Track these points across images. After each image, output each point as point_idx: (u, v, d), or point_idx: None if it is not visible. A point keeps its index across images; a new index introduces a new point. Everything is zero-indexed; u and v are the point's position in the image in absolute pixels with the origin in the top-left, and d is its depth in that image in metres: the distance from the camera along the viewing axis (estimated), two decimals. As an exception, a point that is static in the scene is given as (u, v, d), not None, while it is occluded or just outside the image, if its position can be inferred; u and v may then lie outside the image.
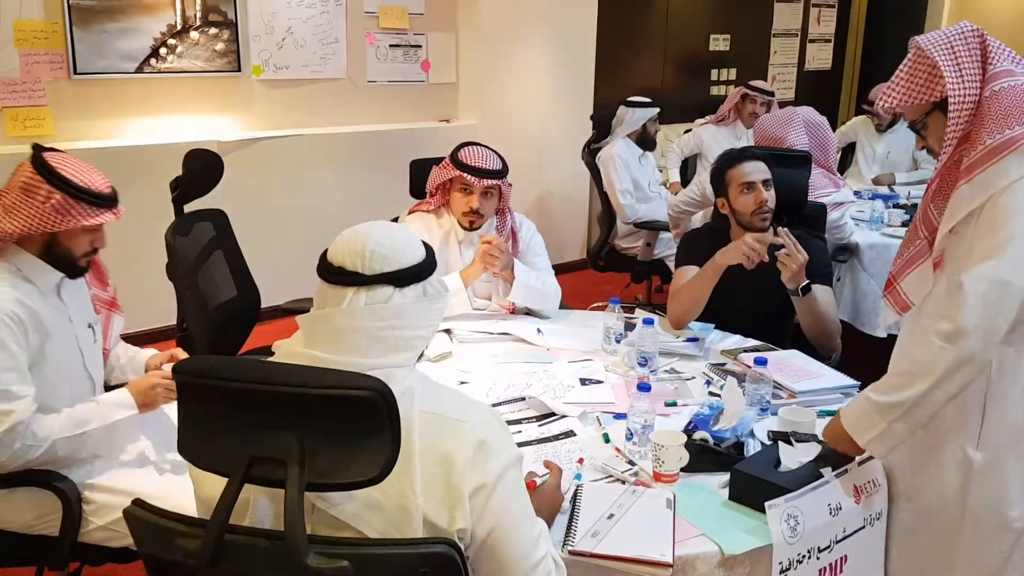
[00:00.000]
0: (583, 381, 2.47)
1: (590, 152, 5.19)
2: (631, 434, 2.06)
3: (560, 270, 3.39)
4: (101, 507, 2.12)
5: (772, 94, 5.44)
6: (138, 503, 1.21)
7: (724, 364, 2.59)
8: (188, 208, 3.06)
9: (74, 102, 4.68)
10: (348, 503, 1.32)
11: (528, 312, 3.03)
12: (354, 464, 1.11)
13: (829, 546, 1.85)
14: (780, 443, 1.94)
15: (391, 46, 5.76)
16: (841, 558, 1.88)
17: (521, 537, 1.42)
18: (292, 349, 1.42)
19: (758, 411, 2.25)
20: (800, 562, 1.79)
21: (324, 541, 1.15)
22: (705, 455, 1.99)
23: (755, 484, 1.85)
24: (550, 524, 1.72)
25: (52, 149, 2.09)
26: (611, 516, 1.78)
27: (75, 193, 2.01)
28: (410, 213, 3.06)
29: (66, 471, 2.12)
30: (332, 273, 1.43)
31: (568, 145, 6.26)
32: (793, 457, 1.91)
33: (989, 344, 1.72)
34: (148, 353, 2.47)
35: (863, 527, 1.93)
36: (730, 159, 3.00)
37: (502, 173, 2.91)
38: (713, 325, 2.93)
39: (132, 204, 3.03)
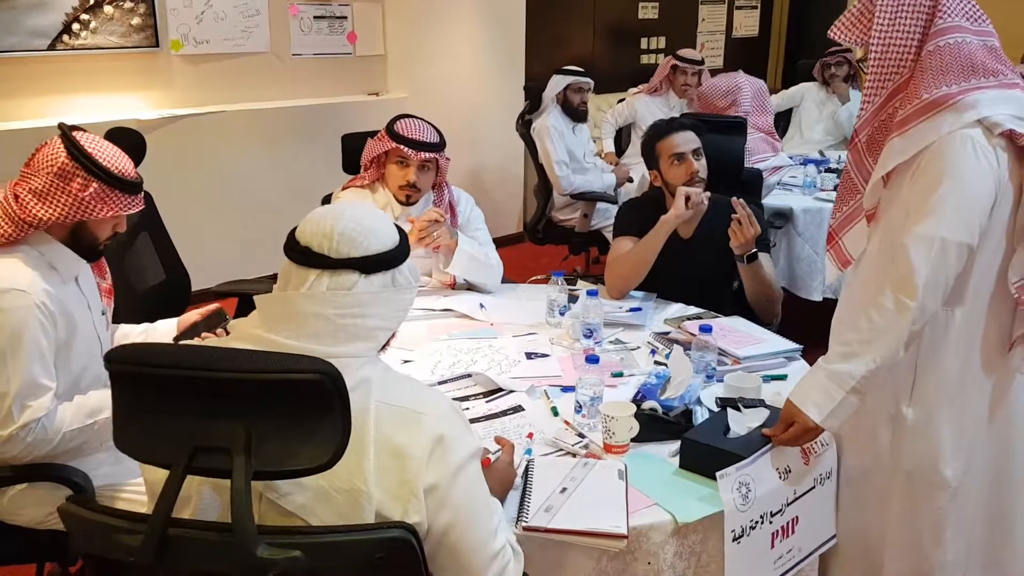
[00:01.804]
0: (529, 355, 2.45)
1: (524, 124, 5.14)
2: (580, 407, 2.04)
3: (498, 244, 3.35)
4: (114, 500, 2.03)
5: (702, 63, 5.46)
6: (74, 500, 1.14)
7: (668, 333, 2.59)
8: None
9: (-17, 81, 4.46)
10: (298, 494, 1.27)
11: (470, 288, 2.98)
12: (303, 450, 1.07)
13: (781, 509, 1.86)
14: (728, 409, 1.94)
15: (315, 17, 5.61)
16: (793, 519, 1.90)
17: (479, 530, 1.38)
18: (249, 331, 1.35)
19: (704, 378, 2.25)
20: (753, 528, 1.80)
21: (274, 531, 1.10)
22: (654, 424, 1.98)
23: (706, 452, 1.85)
24: (503, 501, 1.70)
25: (77, 128, 1.98)
26: (564, 490, 1.76)
27: (112, 181, 1.93)
28: (344, 189, 2.97)
29: (76, 463, 2.01)
30: (298, 253, 1.38)
31: (501, 117, 6.21)
32: (742, 423, 1.92)
33: (939, 303, 1.74)
34: (167, 324, 2.35)
35: (813, 487, 1.95)
36: (659, 131, 2.97)
37: (440, 146, 2.85)
38: (656, 294, 2.93)
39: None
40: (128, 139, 2.83)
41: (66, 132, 1.93)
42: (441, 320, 2.72)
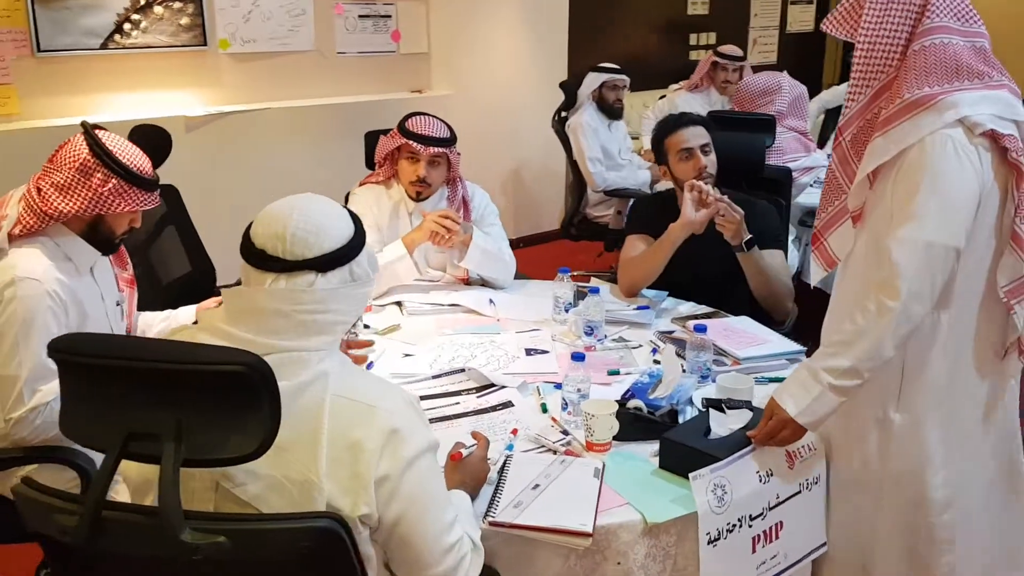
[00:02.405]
0: (528, 351, 2.47)
1: (560, 120, 5.15)
2: (566, 404, 2.05)
3: (537, 240, 3.38)
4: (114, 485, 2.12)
5: (742, 58, 5.39)
6: (26, 481, 1.20)
7: (672, 332, 2.58)
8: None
9: (39, 80, 4.62)
10: (251, 484, 1.31)
11: (483, 283, 3.01)
12: (232, 440, 1.11)
13: (762, 513, 1.85)
14: (711, 410, 1.93)
15: (360, 16, 5.70)
16: (776, 524, 1.89)
17: (431, 523, 1.41)
18: (213, 324, 1.40)
19: (698, 379, 2.24)
20: (731, 531, 1.79)
21: (200, 516, 1.14)
22: (639, 424, 1.99)
23: (684, 452, 1.85)
24: (475, 496, 1.72)
25: (97, 126, 2.08)
26: (536, 486, 1.78)
27: (130, 178, 2.03)
28: (361, 185, 3.03)
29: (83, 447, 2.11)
30: (254, 256, 1.41)
31: (543, 114, 6.19)
32: (724, 424, 1.91)
33: (926, 307, 1.72)
34: (187, 311, 2.44)
35: (799, 492, 1.93)
36: (667, 126, 2.97)
37: (449, 141, 2.88)
38: (667, 293, 2.92)
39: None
40: (154, 136, 2.93)
41: (88, 130, 2.03)
42: (448, 315, 2.75)
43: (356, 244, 1.47)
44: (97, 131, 2.03)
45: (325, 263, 1.40)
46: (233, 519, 1.18)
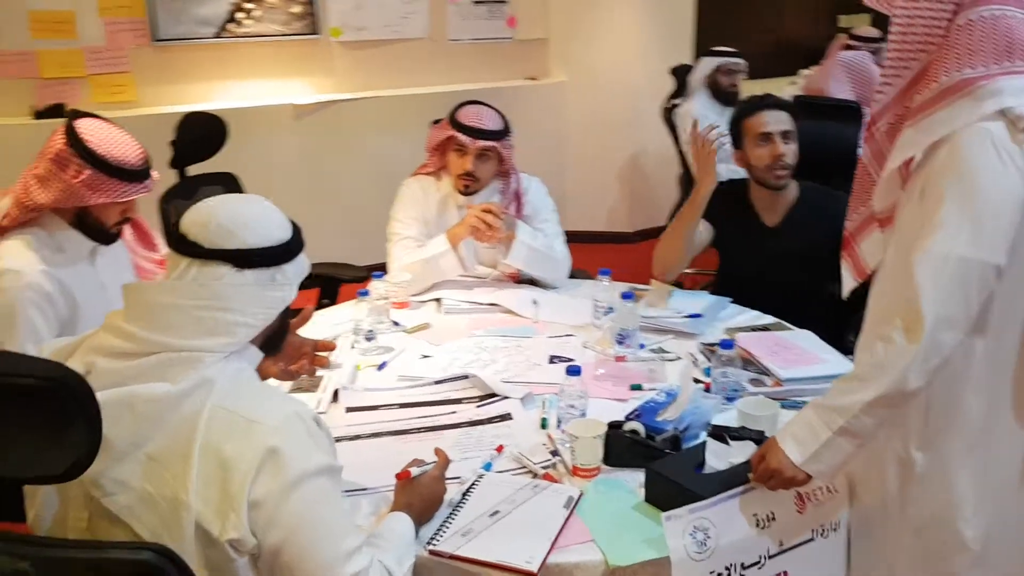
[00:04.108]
0: (552, 359, 2.29)
1: (669, 108, 4.88)
2: (560, 421, 1.88)
3: (654, 234, 3.18)
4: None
5: (879, 40, 4.92)
6: None
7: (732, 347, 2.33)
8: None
9: (155, 68, 4.81)
10: (121, 494, 1.24)
11: (533, 282, 2.84)
12: (47, 457, 1.02)
13: (759, 562, 1.62)
14: (710, 440, 1.71)
15: (475, 3, 5.61)
16: (779, 574, 1.65)
17: (319, 553, 1.29)
18: (113, 321, 1.35)
19: (722, 400, 2.00)
20: (715, 580, 1.57)
21: (10, 539, 1.06)
22: (636, 448, 1.79)
23: (668, 486, 1.64)
24: (424, 519, 1.59)
25: (89, 115, 2.03)
26: (495, 513, 1.62)
27: (106, 168, 1.95)
28: (412, 176, 2.92)
29: None
30: (175, 239, 1.37)
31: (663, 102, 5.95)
32: (722, 457, 1.68)
33: (959, 334, 1.44)
34: None
35: (811, 539, 1.68)
36: (748, 108, 2.77)
37: (500, 134, 2.72)
38: (731, 299, 2.67)
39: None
40: (205, 125, 2.93)
41: (70, 120, 1.98)
42: (484, 315, 2.61)
43: (286, 250, 1.40)
44: (85, 120, 1.97)
45: (243, 258, 1.34)
46: (40, 544, 1.10)
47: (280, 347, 1.54)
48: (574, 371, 1.91)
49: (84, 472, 1.07)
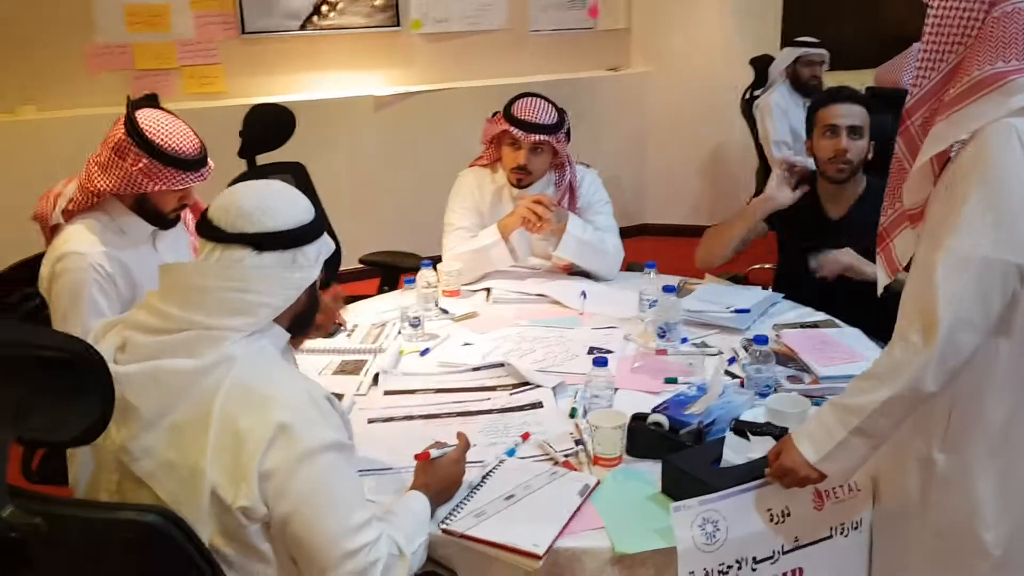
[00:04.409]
0: (591, 351, 2.31)
1: (748, 100, 4.81)
2: (585, 411, 1.90)
3: None
4: None
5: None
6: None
7: (767, 342, 2.31)
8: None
9: (243, 60, 4.99)
10: (146, 460, 1.33)
11: (587, 275, 2.86)
12: (65, 423, 1.12)
13: (772, 556, 1.62)
14: (730, 434, 1.71)
15: (556, -7, 5.63)
16: (794, 571, 1.65)
17: (327, 524, 1.35)
18: (150, 301, 1.44)
19: (754, 396, 1.99)
20: (724, 573, 1.58)
21: (26, 495, 1.15)
22: (659, 441, 1.80)
23: (683, 478, 1.65)
24: (441, 500, 1.64)
25: (150, 104, 2.12)
26: (510, 497, 1.66)
27: (163, 158, 2.03)
28: (470, 167, 2.98)
29: None
30: (201, 224, 1.45)
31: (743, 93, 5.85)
32: (741, 452, 1.68)
33: (979, 336, 1.41)
34: None
35: (829, 537, 1.67)
36: (824, 98, 2.77)
37: (554, 128, 2.74)
38: (782, 295, 2.64)
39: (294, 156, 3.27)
40: (273, 116, 3.03)
41: (129, 108, 2.08)
42: (531, 305, 2.65)
43: (303, 233, 1.46)
44: (145, 110, 2.07)
45: (263, 241, 1.41)
46: (54, 502, 1.19)
47: (309, 326, 1.61)
48: (601, 362, 1.94)
49: (97, 438, 1.16)
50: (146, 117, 2.07)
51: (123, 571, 1.23)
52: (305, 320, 1.57)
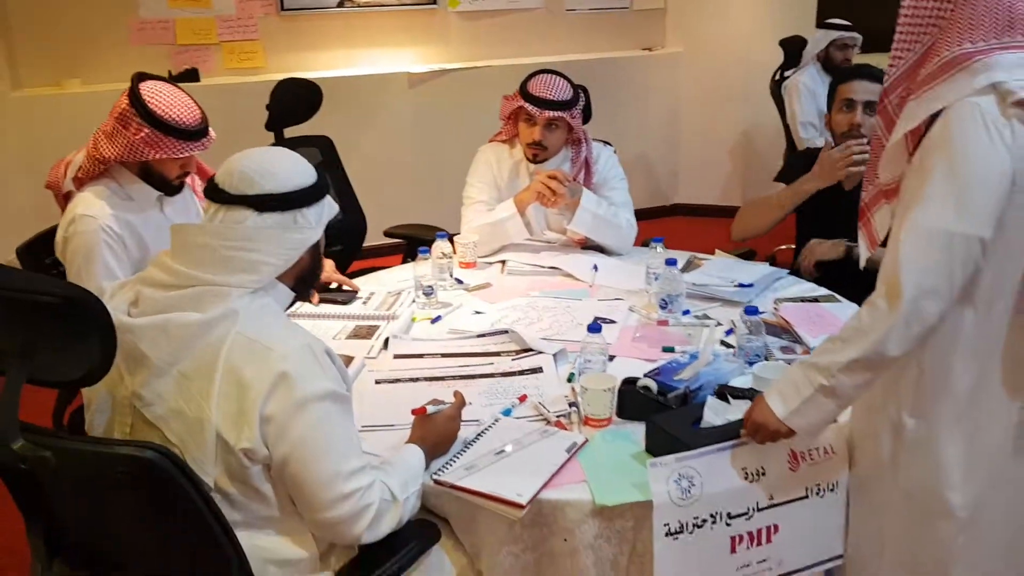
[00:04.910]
0: (596, 320, 2.40)
1: (777, 81, 4.83)
2: (579, 375, 2.00)
3: None
4: None
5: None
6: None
7: (759, 313, 2.38)
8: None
9: (282, 36, 5.12)
10: (157, 406, 1.45)
11: (601, 249, 2.94)
12: (69, 364, 1.23)
13: (747, 513, 1.71)
14: (710, 398, 1.79)
15: (593, -28, 5.67)
16: (769, 527, 1.74)
17: (322, 468, 1.46)
18: (162, 259, 1.55)
19: (744, 364, 2.07)
20: (699, 526, 1.67)
21: (35, 430, 1.28)
22: (647, 403, 1.89)
23: (664, 437, 1.74)
24: (436, 453, 1.75)
25: (154, 77, 2.25)
26: (500, 452, 1.76)
27: (163, 127, 2.16)
28: (490, 142, 3.07)
29: None
30: (208, 187, 1.56)
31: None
32: (721, 414, 1.77)
33: (942, 304, 1.48)
34: None
35: (804, 497, 1.75)
36: (845, 73, 2.84)
37: (568, 104, 2.81)
38: (787, 271, 2.71)
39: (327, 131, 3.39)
40: (299, 90, 3.14)
41: (134, 81, 2.20)
42: (543, 277, 2.74)
43: (304, 196, 1.55)
44: (149, 82, 2.19)
45: (264, 203, 1.50)
46: (60, 436, 1.31)
47: (313, 286, 1.71)
48: (594, 328, 2.03)
49: (101, 378, 1.28)
50: (149, 89, 2.19)
51: (123, 502, 1.35)
52: (308, 280, 1.66)
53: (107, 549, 1.45)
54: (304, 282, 1.65)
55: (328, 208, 1.60)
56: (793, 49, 4.84)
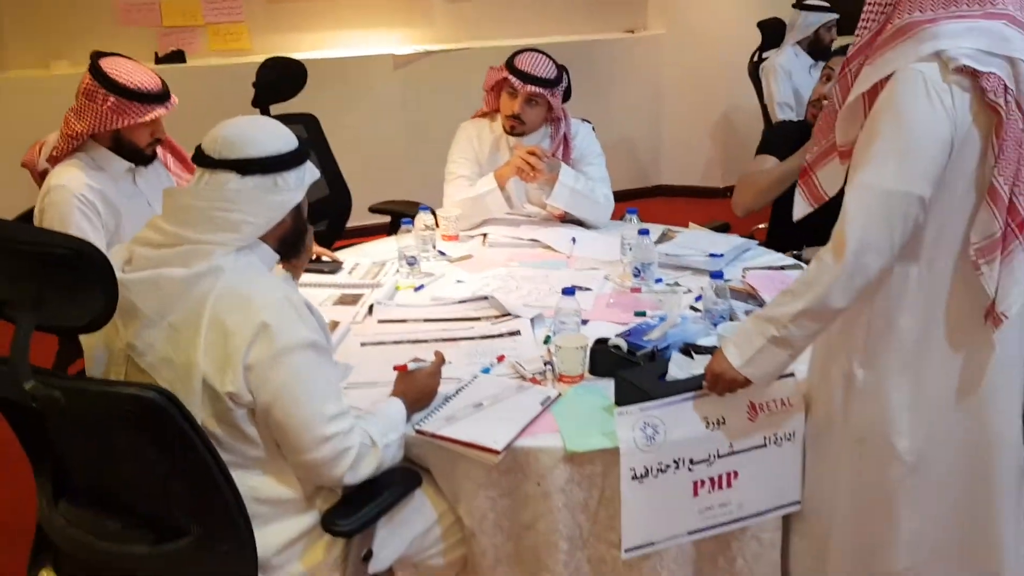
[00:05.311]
0: (572, 287, 2.50)
1: (755, 63, 4.93)
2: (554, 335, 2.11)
3: None
4: None
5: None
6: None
7: (726, 280, 2.50)
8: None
9: (267, 18, 5.20)
10: (149, 355, 1.56)
11: (580, 223, 3.05)
12: (72, 311, 1.34)
13: (708, 459, 1.82)
14: (675, 354, 1.91)
15: (574, -46, 5.75)
16: (729, 473, 1.85)
17: (304, 412, 1.57)
18: (154, 220, 1.65)
19: (710, 326, 2.19)
20: (663, 471, 1.78)
21: (44, 372, 1.38)
22: (617, 361, 2.00)
23: (630, 390, 1.85)
24: (417, 407, 1.85)
25: (112, 54, 2.39)
26: (478, 405, 1.87)
27: (127, 93, 2.31)
28: (471, 119, 3.17)
29: None
30: (194, 154, 1.66)
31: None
32: (684, 369, 1.88)
33: (883, 259, 1.59)
34: None
35: (762, 446, 1.87)
36: (839, 49, 3.00)
37: (551, 83, 2.91)
38: (757, 241, 2.83)
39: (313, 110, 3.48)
40: (284, 69, 3.23)
41: (93, 58, 2.33)
42: (523, 249, 2.85)
43: (284, 160, 1.64)
44: (107, 58, 2.32)
45: (246, 166, 1.60)
46: (67, 378, 1.41)
47: (299, 249, 1.80)
48: (568, 291, 2.14)
49: (104, 325, 1.38)
50: (108, 62, 2.33)
51: (127, 442, 1.46)
52: (293, 242, 1.74)
53: (111, 489, 1.55)
54: (287, 243, 1.73)
55: (309, 173, 1.70)
56: (771, 31, 4.95)
